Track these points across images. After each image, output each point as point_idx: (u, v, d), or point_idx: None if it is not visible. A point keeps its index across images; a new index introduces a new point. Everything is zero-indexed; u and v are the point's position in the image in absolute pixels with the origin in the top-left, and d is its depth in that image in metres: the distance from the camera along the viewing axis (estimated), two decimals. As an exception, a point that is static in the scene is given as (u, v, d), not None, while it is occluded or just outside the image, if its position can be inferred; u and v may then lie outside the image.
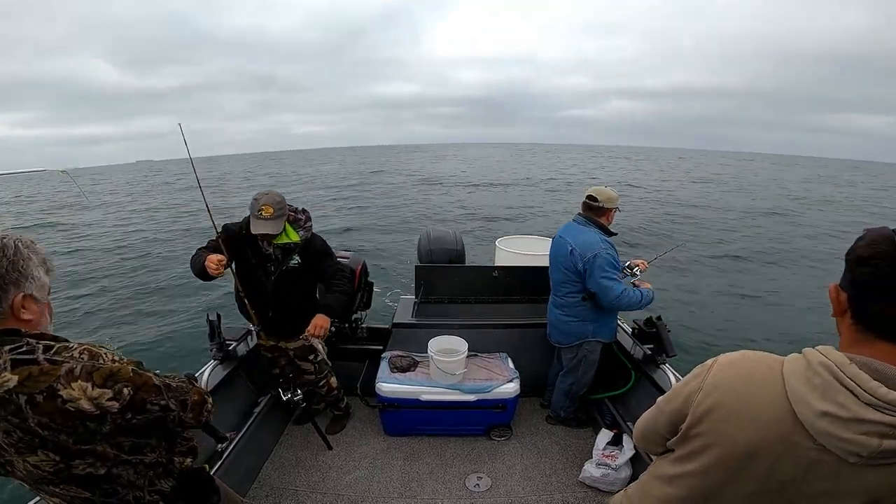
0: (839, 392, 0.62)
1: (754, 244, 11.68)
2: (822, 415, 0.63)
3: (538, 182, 26.86)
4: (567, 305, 2.47)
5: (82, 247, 11.89)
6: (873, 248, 0.64)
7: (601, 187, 2.41)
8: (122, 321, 6.69)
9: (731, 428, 0.72)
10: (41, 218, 18.05)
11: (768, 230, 13.89)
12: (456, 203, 18.18)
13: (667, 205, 18.54)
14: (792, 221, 16.00)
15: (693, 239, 11.94)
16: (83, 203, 20.96)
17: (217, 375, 2.37)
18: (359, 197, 20.60)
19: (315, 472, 2.45)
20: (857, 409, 0.61)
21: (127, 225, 15.17)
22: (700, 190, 25.70)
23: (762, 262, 10.06)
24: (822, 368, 0.65)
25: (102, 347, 0.91)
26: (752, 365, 0.75)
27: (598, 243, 2.26)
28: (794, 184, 33.56)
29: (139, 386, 0.88)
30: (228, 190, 24.97)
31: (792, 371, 0.68)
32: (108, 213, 18.71)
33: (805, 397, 0.65)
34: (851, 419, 0.61)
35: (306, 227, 2.16)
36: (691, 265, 9.37)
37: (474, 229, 12.29)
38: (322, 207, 16.45)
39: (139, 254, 10.74)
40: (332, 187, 25.28)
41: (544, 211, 16.33)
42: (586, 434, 2.72)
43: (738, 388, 0.73)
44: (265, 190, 2.07)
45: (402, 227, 12.75)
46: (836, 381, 0.63)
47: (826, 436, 0.63)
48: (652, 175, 35.92)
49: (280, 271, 2.15)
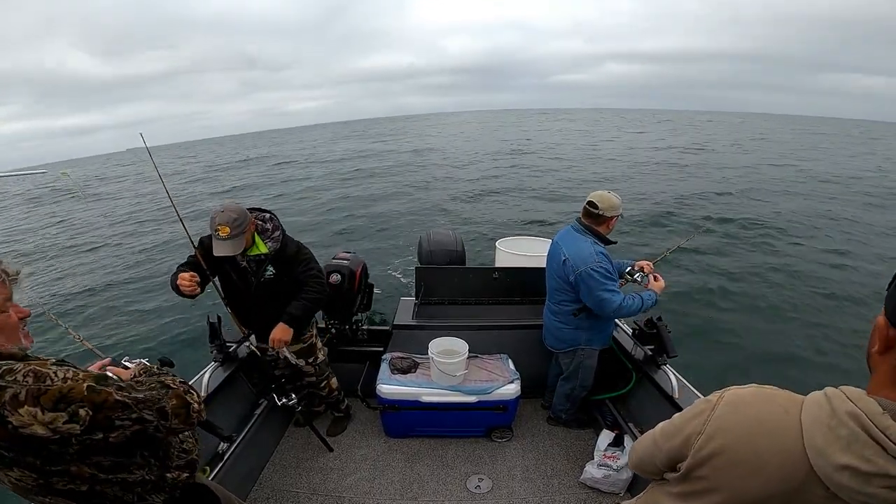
0: (867, 446, 0.58)
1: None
2: (843, 468, 0.58)
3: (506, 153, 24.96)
4: (560, 313, 2.44)
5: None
6: None
7: (604, 192, 2.27)
8: (134, 319, 6.69)
9: (737, 478, 0.68)
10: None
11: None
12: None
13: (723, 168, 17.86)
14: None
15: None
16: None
17: (217, 377, 2.37)
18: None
19: (316, 474, 2.45)
20: (884, 464, 0.56)
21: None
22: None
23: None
24: (849, 419, 0.59)
25: (54, 365, 0.84)
26: (763, 407, 0.69)
27: (590, 256, 2.18)
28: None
29: (99, 404, 0.81)
30: (224, 179, 23.73)
31: (813, 419, 0.63)
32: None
33: (825, 450, 0.60)
34: (875, 474, 0.57)
35: (274, 238, 2.10)
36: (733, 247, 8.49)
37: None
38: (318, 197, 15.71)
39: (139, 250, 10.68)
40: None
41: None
42: (587, 435, 2.72)
43: (746, 435, 0.68)
44: (221, 206, 1.95)
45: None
46: (866, 432, 0.58)
47: (844, 489, 0.59)
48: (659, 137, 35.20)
49: (257, 283, 2.11)
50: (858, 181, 15.68)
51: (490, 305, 3.10)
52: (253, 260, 2.09)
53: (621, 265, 2.44)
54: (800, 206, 11.53)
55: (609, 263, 2.25)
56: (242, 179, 21.83)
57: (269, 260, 2.09)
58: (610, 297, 2.18)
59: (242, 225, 1.93)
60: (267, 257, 2.08)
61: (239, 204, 2.00)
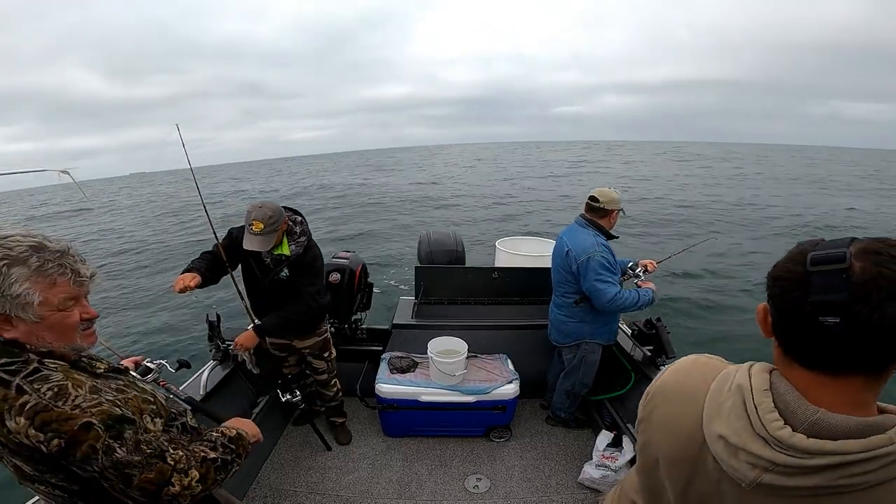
0: (740, 418, 0.60)
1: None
2: (718, 437, 0.61)
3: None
4: (565, 306, 2.48)
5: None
6: (786, 266, 0.58)
7: (604, 188, 2.38)
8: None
9: (658, 435, 0.73)
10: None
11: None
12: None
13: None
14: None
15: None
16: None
17: (216, 376, 2.37)
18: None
19: (314, 473, 2.45)
20: (746, 439, 0.58)
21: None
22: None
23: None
24: (736, 390, 0.62)
25: (93, 379, 0.86)
26: (692, 374, 0.73)
27: (592, 246, 2.25)
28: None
29: (75, 442, 0.80)
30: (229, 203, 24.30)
31: (715, 388, 0.66)
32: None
33: (712, 418, 0.63)
34: (739, 447, 0.59)
35: (299, 242, 2.12)
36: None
37: (473, 228, 12.23)
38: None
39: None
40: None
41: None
42: (586, 435, 2.72)
43: (671, 397, 0.73)
44: (260, 202, 2.01)
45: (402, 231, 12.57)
46: (742, 405, 0.60)
47: (721, 460, 0.62)
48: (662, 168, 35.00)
49: (271, 280, 2.14)
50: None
51: (489, 305, 3.11)
52: (275, 259, 2.12)
53: (625, 262, 2.48)
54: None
55: (611, 255, 2.29)
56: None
57: (287, 262, 2.12)
58: (605, 288, 2.23)
59: (276, 224, 1.97)
60: (287, 259, 2.11)
61: (276, 203, 2.03)
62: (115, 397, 0.89)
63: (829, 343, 0.53)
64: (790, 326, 0.58)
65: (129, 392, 0.94)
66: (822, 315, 0.52)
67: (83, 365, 0.92)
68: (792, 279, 0.56)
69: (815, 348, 0.55)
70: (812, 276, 0.53)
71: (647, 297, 2.30)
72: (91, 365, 0.94)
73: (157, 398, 1.01)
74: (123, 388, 0.94)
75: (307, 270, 2.16)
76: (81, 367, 0.91)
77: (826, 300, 0.52)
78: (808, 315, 0.53)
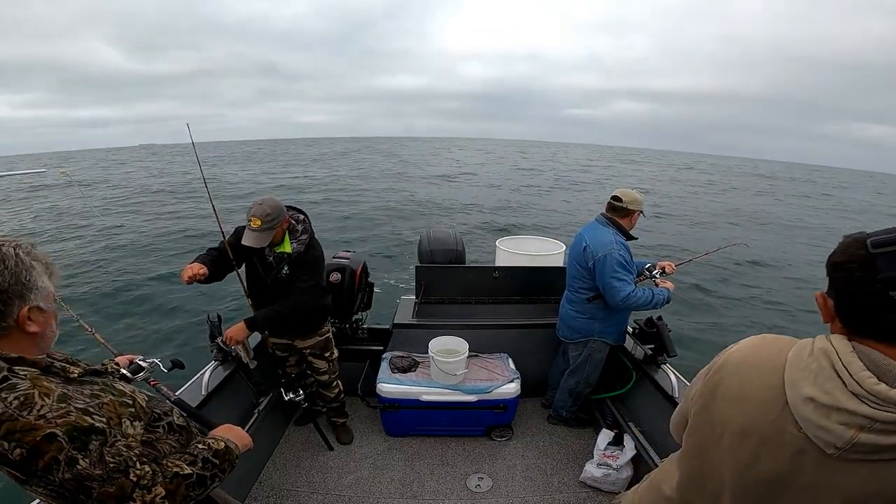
0: (830, 378, 0.62)
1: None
2: (808, 400, 0.62)
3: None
4: (577, 301, 2.48)
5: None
6: (846, 252, 0.63)
7: (627, 189, 2.39)
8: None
9: (728, 407, 0.74)
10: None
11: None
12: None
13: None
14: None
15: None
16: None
17: (218, 376, 2.37)
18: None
19: (316, 473, 2.45)
20: (840, 397, 0.60)
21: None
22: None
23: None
24: (821, 354, 0.64)
25: (64, 387, 0.84)
26: (763, 347, 0.75)
27: (611, 243, 2.26)
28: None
29: (38, 452, 0.79)
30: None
31: (794, 356, 0.68)
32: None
33: (797, 381, 0.65)
34: (833, 407, 0.60)
35: (300, 240, 2.12)
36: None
37: (473, 230, 12.23)
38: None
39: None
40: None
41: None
42: (587, 434, 2.72)
43: (742, 369, 0.74)
44: (261, 198, 2.00)
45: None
46: (831, 366, 0.62)
47: (806, 422, 0.63)
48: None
49: (273, 277, 2.14)
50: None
51: (490, 304, 3.10)
52: (277, 256, 2.13)
53: (642, 263, 2.48)
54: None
55: (628, 254, 2.29)
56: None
57: (289, 260, 2.12)
58: (620, 286, 2.23)
59: (274, 221, 1.96)
60: (288, 257, 2.11)
61: (278, 200, 2.02)
62: (87, 404, 0.86)
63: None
64: (860, 305, 0.63)
65: (105, 396, 0.91)
66: (893, 289, 0.58)
67: (56, 370, 0.89)
68: (858, 262, 0.61)
69: (888, 322, 0.60)
70: (877, 257, 0.59)
71: (661, 297, 2.29)
72: (65, 370, 0.90)
73: (136, 400, 0.98)
74: (98, 392, 0.91)
75: (305, 267, 2.15)
76: (54, 371, 0.88)
77: (895, 276, 0.58)
78: (878, 291, 0.59)
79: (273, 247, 2.07)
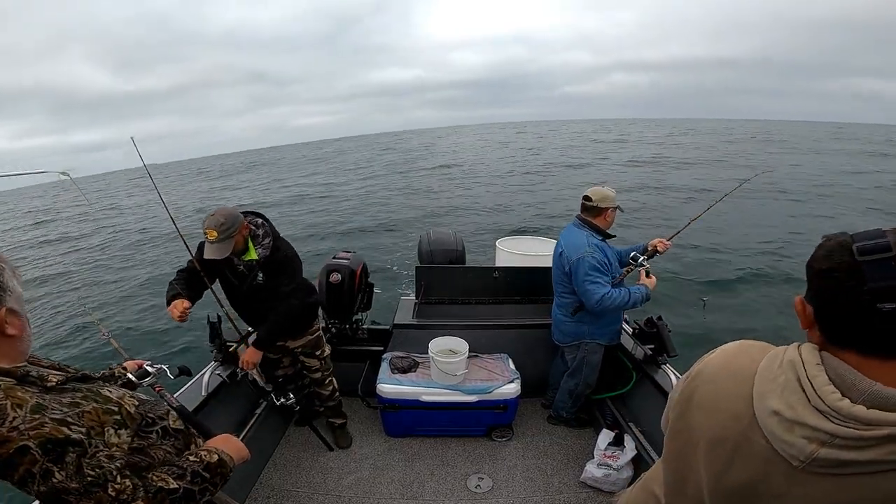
0: (794, 392, 0.61)
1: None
2: (773, 413, 0.62)
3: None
4: (563, 305, 2.49)
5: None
6: (831, 259, 0.61)
7: (598, 187, 2.38)
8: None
9: (702, 416, 0.73)
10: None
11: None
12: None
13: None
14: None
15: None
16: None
17: (217, 377, 2.37)
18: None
19: (316, 474, 2.45)
20: (803, 412, 0.59)
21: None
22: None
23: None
24: (788, 366, 0.63)
25: (40, 396, 0.81)
26: (738, 355, 0.74)
27: (583, 246, 2.25)
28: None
29: (12, 464, 0.77)
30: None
31: (765, 366, 0.67)
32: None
33: (764, 394, 0.64)
34: (795, 421, 0.59)
35: (264, 245, 2.09)
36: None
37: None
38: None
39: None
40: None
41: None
42: (587, 434, 2.71)
43: (716, 378, 0.74)
44: (213, 209, 1.96)
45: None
46: (797, 380, 0.61)
47: (772, 435, 0.62)
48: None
49: (248, 286, 2.13)
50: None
51: (490, 305, 3.10)
52: (247, 265, 2.11)
53: (630, 250, 2.47)
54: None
55: (603, 255, 2.28)
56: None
57: (259, 266, 2.10)
58: (593, 289, 2.22)
59: (230, 230, 1.92)
60: (258, 263, 2.10)
61: (231, 208, 1.99)
62: (65, 414, 0.83)
63: (886, 327, 0.56)
64: (843, 314, 0.60)
65: (87, 405, 0.88)
66: (881, 301, 0.55)
67: (32, 379, 0.86)
68: (844, 270, 0.59)
69: (871, 333, 0.58)
70: (863, 265, 0.57)
71: (638, 296, 2.27)
72: (42, 378, 0.87)
73: (122, 407, 0.94)
74: (80, 400, 0.88)
75: (280, 270, 2.13)
76: (30, 381, 0.85)
77: (883, 287, 0.55)
78: (866, 303, 0.56)
79: (239, 256, 2.05)
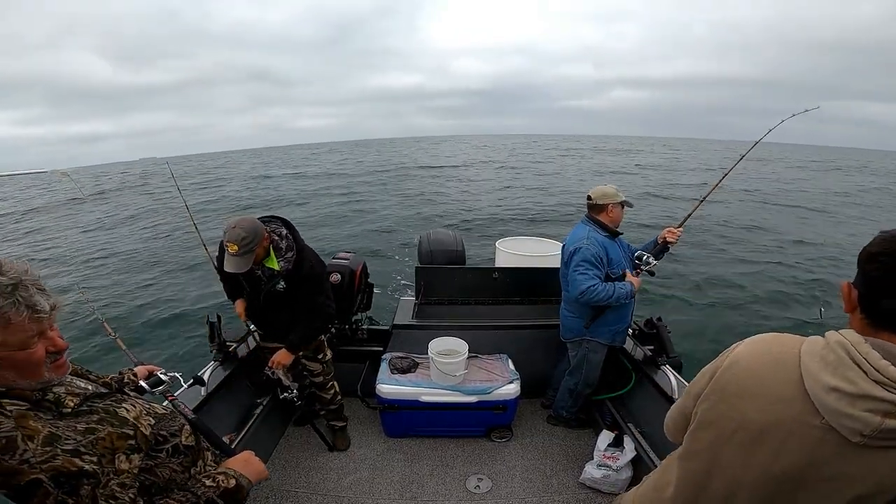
0: (850, 368, 0.64)
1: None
2: (831, 390, 0.65)
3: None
4: (567, 301, 2.52)
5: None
6: (882, 245, 0.66)
7: (599, 185, 2.44)
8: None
9: (744, 404, 0.74)
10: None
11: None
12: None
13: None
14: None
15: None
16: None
17: (217, 377, 2.37)
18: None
19: (315, 474, 2.45)
20: (865, 386, 0.62)
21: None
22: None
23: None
24: (837, 346, 0.66)
25: (37, 443, 0.77)
26: (773, 343, 0.77)
27: (581, 239, 2.31)
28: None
29: (25, 495, 0.75)
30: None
31: (808, 350, 0.70)
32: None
33: (817, 374, 0.67)
34: (858, 395, 0.62)
35: (287, 258, 2.08)
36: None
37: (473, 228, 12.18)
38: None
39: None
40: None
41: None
42: (587, 435, 2.72)
43: (754, 366, 0.75)
44: (234, 221, 1.90)
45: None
46: (849, 357, 0.65)
47: (832, 412, 0.65)
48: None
49: (267, 292, 2.11)
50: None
51: (490, 305, 3.10)
52: (265, 272, 2.08)
53: (642, 248, 2.47)
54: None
55: (601, 250, 2.29)
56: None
57: (281, 276, 2.08)
58: (580, 279, 2.26)
59: (252, 244, 1.88)
60: (279, 273, 2.07)
61: (252, 218, 1.94)
62: (78, 443, 0.81)
63: None
64: (886, 296, 0.65)
65: (102, 430, 0.86)
66: None
67: (48, 404, 0.83)
68: (889, 254, 0.64)
69: None
70: None
71: (622, 292, 2.27)
72: (58, 402, 0.84)
73: (138, 430, 0.91)
74: (95, 425, 0.86)
75: (307, 281, 2.12)
76: (46, 406, 0.83)
77: None
78: None
79: (261, 262, 2.03)
